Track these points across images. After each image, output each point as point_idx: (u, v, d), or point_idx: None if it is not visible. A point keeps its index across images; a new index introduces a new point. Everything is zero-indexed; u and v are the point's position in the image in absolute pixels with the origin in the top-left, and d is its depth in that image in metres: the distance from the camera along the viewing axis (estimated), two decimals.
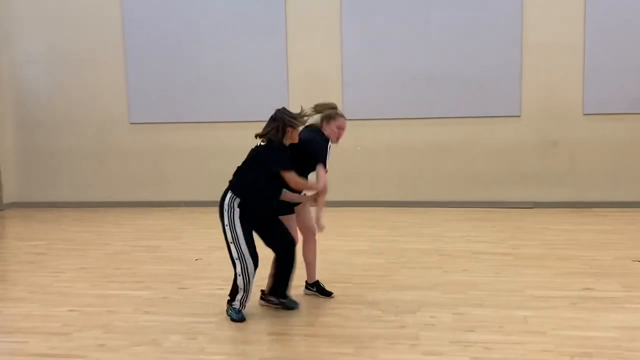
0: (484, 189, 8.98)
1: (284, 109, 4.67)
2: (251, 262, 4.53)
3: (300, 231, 5.03)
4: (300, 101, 9.41)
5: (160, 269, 6.10)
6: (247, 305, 4.63)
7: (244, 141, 9.19)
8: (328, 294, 5.11)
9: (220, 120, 9.43)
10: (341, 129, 4.89)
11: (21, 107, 9.91)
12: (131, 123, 9.67)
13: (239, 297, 4.59)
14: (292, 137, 4.57)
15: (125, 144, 9.71)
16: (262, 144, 4.61)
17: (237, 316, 4.61)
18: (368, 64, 9.02)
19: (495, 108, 8.85)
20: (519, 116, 8.82)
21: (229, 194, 4.53)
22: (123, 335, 4.39)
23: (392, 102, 9.02)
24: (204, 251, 6.73)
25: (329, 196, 8.63)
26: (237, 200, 4.50)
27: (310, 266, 5.15)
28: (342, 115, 4.92)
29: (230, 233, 4.49)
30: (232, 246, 4.51)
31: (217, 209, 4.58)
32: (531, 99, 8.77)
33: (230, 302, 4.65)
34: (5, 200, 9.84)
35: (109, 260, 6.50)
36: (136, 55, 9.51)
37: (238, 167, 4.74)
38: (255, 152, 4.64)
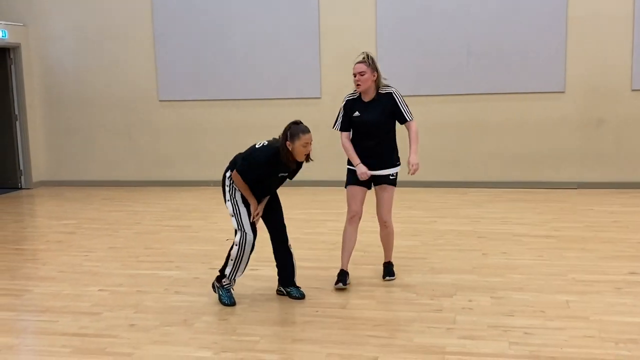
0: (525, 168, 8.85)
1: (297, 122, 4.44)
2: (251, 235, 4.57)
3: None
4: (331, 78, 9.48)
5: (191, 249, 6.19)
6: (236, 281, 4.67)
7: (273, 118, 9.37)
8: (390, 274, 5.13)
9: (249, 98, 9.46)
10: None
11: (50, 85, 10.07)
12: (160, 100, 9.75)
13: (228, 270, 4.60)
14: (295, 154, 4.38)
15: (155, 121, 9.82)
16: (265, 141, 4.63)
17: (228, 299, 4.63)
18: (403, 38, 8.92)
19: (538, 84, 8.69)
20: (563, 92, 8.65)
21: (229, 172, 4.64)
22: (154, 315, 4.47)
23: (429, 78, 8.92)
24: (233, 231, 6.78)
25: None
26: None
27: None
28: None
29: (231, 207, 4.60)
30: (232, 219, 4.63)
31: None
32: (576, 75, 8.59)
33: (220, 277, 4.68)
34: (35, 179, 10.05)
35: (139, 240, 6.61)
36: (165, 32, 9.56)
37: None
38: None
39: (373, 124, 4.85)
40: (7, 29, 9.47)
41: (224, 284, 4.65)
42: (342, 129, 4.94)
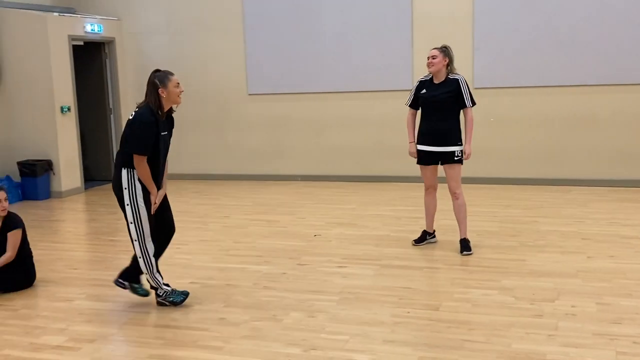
0: (634, 165, 8.44)
1: (157, 70, 4.54)
2: (152, 245, 4.50)
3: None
4: (424, 69, 9.34)
5: (279, 243, 6.30)
6: (162, 282, 4.62)
7: (364, 112, 9.39)
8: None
9: (339, 91, 9.49)
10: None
11: (143, 79, 10.42)
12: (249, 94, 9.96)
13: (152, 282, 4.58)
14: (171, 99, 4.44)
15: (244, 115, 10.03)
16: (132, 113, 4.45)
17: (179, 295, 4.63)
18: (502, 26, 8.69)
19: None
20: None
21: (125, 170, 4.40)
22: (243, 309, 4.59)
23: (529, 69, 8.65)
24: (322, 227, 6.86)
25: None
26: (136, 174, 4.41)
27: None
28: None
29: (131, 213, 4.40)
30: (131, 226, 4.44)
31: (334, 184, 4.63)
32: None
33: (156, 293, 4.63)
34: None
35: (228, 234, 6.79)
36: (255, 25, 9.74)
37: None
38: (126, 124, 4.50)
39: (437, 101, 5.60)
40: (102, 24, 9.94)
41: (162, 295, 4.63)
42: (410, 105, 5.83)
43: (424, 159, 5.77)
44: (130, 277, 4.73)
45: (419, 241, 6.02)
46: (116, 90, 10.34)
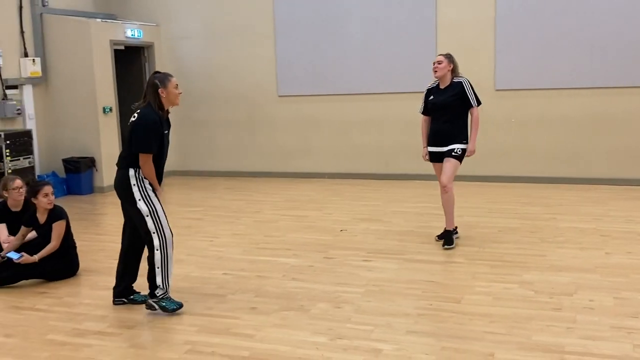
0: None
1: (156, 72, 4.48)
2: (170, 234, 4.36)
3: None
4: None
5: (308, 238, 6.30)
6: (170, 284, 4.41)
7: (388, 112, 9.35)
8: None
9: (365, 92, 9.47)
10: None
11: (179, 81, 10.48)
12: (279, 96, 9.98)
13: (159, 279, 4.32)
14: (170, 99, 4.34)
15: (274, 115, 10.06)
16: (135, 114, 4.34)
17: (174, 304, 4.36)
18: (523, 30, 8.58)
19: None
20: None
21: (132, 169, 4.29)
22: (273, 299, 4.60)
23: (550, 72, 8.52)
24: (348, 222, 6.85)
25: (480, 169, 8.42)
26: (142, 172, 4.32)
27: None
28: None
29: (146, 207, 4.27)
30: (148, 219, 4.27)
31: (360, 181, 4.59)
32: None
33: (152, 293, 4.36)
34: (165, 169, 10.58)
35: (259, 228, 6.82)
36: (285, 29, 9.76)
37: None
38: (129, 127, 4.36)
39: (442, 105, 5.70)
40: (142, 29, 10.04)
41: (159, 295, 4.36)
42: (423, 112, 5.94)
43: (433, 159, 5.89)
44: (123, 293, 4.62)
45: (442, 237, 5.96)
46: None
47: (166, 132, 4.41)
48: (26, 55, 8.94)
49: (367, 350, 3.73)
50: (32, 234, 5.31)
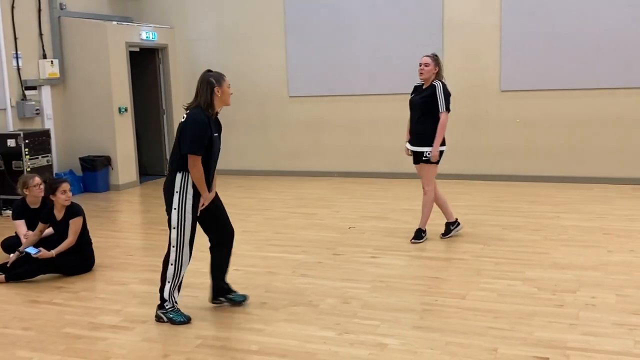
0: None
1: (209, 70, 4.26)
2: (188, 254, 4.16)
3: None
4: (455, 74, 9.29)
5: (316, 235, 6.31)
6: (177, 297, 4.24)
7: (395, 113, 9.29)
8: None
9: (373, 93, 9.45)
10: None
11: (193, 82, 10.47)
12: (290, 96, 9.98)
13: (166, 293, 4.16)
14: (223, 99, 4.16)
15: (285, 116, 10.07)
16: (184, 115, 4.17)
17: (181, 317, 4.17)
18: (528, 31, 8.53)
19: None
20: None
21: (180, 174, 4.08)
22: (282, 295, 4.61)
23: (553, 73, 8.47)
24: (356, 220, 6.85)
25: (485, 168, 8.37)
26: (190, 179, 4.09)
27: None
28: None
29: (177, 218, 4.07)
30: (173, 231, 4.09)
31: (369, 180, 4.59)
32: None
33: (161, 305, 4.19)
34: None
35: (269, 225, 6.82)
36: (296, 31, 9.75)
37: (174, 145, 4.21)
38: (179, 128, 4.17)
39: (413, 105, 5.77)
40: (156, 31, 10.07)
41: (168, 307, 4.19)
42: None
43: (413, 156, 5.91)
44: (220, 292, 4.46)
45: (446, 234, 5.98)
46: (168, 92, 10.47)
47: (216, 134, 4.17)
48: (45, 57, 8.99)
49: (373, 344, 3.73)
50: (49, 230, 5.35)
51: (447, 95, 5.64)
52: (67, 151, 9.42)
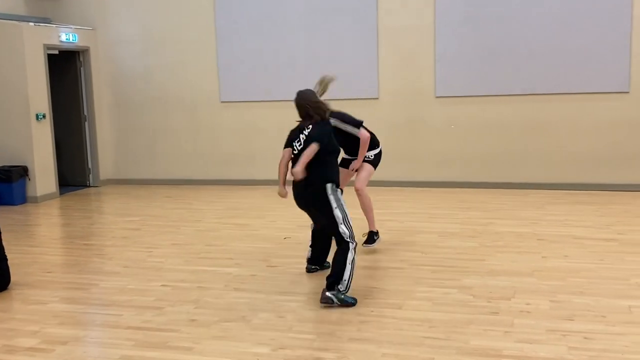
0: (587, 170, 8.58)
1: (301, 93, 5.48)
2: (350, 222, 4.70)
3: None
4: (390, 80, 9.45)
5: (250, 246, 6.26)
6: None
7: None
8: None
9: None
10: None
11: (117, 87, 10.36)
12: (222, 102, 9.91)
13: (346, 274, 4.51)
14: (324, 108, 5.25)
15: (216, 122, 9.98)
16: (309, 127, 5.18)
17: (352, 298, 4.55)
18: (462, 38, 8.78)
19: (601, 84, 8.40)
20: (628, 92, 8.34)
21: (329, 185, 4.71)
22: (214, 311, 4.55)
23: (488, 79, 8.75)
24: (292, 230, 6.84)
25: (421, 175, 8.53)
26: (335, 184, 4.76)
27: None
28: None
29: (340, 212, 4.64)
30: (342, 227, 4.61)
31: None
32: None
33: (335, 286, 4.51)
34: (102, 177, 10.37)
35: (200, 237, 6.73)
36: (226, 35, 9.69)
37: (312, 163, 4.85)
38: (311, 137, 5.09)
39: None
40: (77, 33, 9.80)
41: (341, 289, 4.52)
42: None
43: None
44: (318, 261, 5.31)
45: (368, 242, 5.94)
46: (90, 97, 10.20)
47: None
48: None
49: (309, 359, 3.73)
50: None
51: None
52: None
